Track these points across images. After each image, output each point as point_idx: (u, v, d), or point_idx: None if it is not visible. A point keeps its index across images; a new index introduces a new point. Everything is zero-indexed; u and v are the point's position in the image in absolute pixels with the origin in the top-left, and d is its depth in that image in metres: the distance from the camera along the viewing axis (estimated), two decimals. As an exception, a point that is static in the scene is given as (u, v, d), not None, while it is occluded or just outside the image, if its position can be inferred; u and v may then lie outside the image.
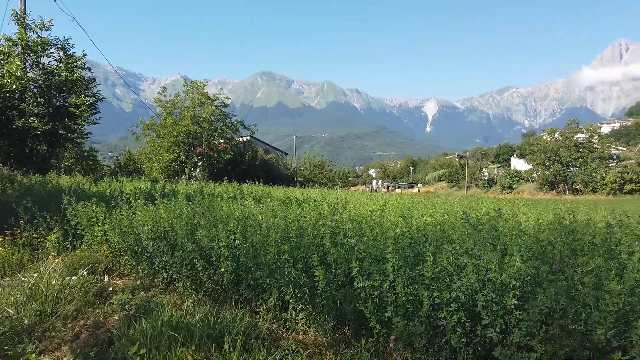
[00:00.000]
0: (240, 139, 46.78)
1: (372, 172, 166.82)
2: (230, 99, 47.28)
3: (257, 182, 24.21)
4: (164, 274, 5.73)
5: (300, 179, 54.51)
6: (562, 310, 3.07)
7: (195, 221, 5.97)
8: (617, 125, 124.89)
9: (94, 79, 25.08)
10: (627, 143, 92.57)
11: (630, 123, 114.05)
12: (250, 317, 4.45)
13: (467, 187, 79.16)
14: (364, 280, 3.86)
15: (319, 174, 61.60)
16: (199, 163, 42.50)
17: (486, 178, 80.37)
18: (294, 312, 4.52)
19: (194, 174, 42.08)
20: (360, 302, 3.93)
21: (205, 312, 4.32)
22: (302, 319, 4.44)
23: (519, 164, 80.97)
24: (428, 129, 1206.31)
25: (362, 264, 4.28)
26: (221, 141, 42.90)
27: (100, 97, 25.23)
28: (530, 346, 3.08)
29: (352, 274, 3.93)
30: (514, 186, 67.23)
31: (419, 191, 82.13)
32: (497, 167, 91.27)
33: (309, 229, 5.54)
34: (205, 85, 43.14)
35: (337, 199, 10.97)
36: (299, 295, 4.43)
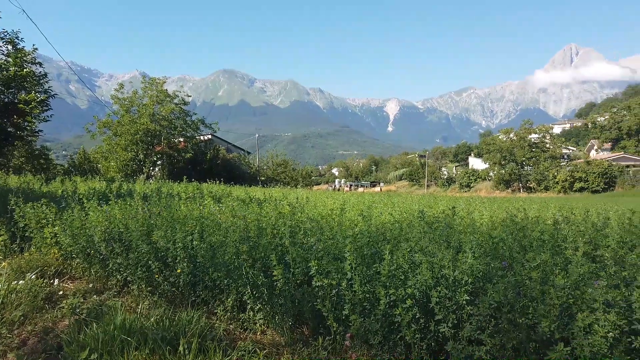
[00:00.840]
0: (201, 137, 46.04)
1: (335, 171, 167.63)
2: (190, 96, 46.47)
3: (218, 182, 23.88)
4: (118, 276, 5.57)
5: (262, 178, 54.16)
6: (510, 305, 3.19)
7: (151, 222, 5.83)
8: (567, 126, 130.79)
9: (45, 75, 24.04)
10: (576, 143, 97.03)
11: (579, 124, 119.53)
12: (207, 319, 4.38)
13: (427, 185, 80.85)
14: (322, 279, 3.88)
15: (281, 173, 61.41)
16: (158, 162, 41.55)
17: (445, 177, 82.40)
18: (251, 313, 4.49)
19: (152, 173, 41.09)
20: (318, 300, 3.95)
21: (160, 314, 4.23)
22: (260, 319, 4.41)
23: (476, 163, 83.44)
24: (390, 128, 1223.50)
25: (321, 262, 4.31)
26: (181, 140, 42.10)
27: (52, 93, 24.22)
28: (480, 340, 3.19)
29: (311, 273, 3.94)
30: (472, 185, 69.20)
31: (381, 190, 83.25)
32: (456, 166, 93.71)
33: (268, 228, 5.52)
34: (165, 82, 42.25)
35: (297, 198, 10.96)
36: (257, 295, 4.41)
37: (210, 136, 48.62)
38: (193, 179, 27.47)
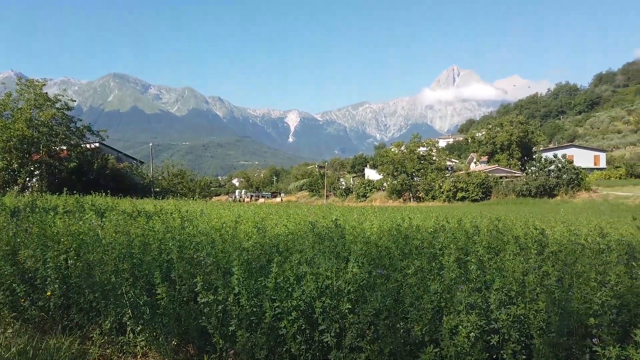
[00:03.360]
0: (88, 145, 42.63)
1: (235, 181, 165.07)
2: (75, 101, 42.84)
3: (106, 194, 22.25)
4: (-25, 303, 4.91)
5: (157, 190, 51.55)
6: (388, 311, 3.38)
7: (18, 240, 5.25)
8: (451, 140, 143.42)
9: None
10: (459, 156, 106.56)
11: (461, 138, 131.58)
12: (80, 345, 4.03)
13: (327, 196, 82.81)
14: (208, 295, 3.78)
15: (178, 184, 59.11)
16: (36, 172, 37.60)
17: (343, 187, 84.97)
18: (132, 335, 4.22)
19: (29, 184, 37.06)
20: (203, 318, 3.84)
21: (24, 343, 3.80)
22: (141, 340, 4.16)
23: (371, 174, 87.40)
24: (290, 139, 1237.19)
25: (209, 277, 4.21)
26: (64, 148, 38.60)
27: None
28: (360, 347, 3.32)
29: (196, 289, 3.82)
30: (368, 194, 72.24)
31: (282, 200, 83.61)
32: (353, 177, 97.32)
33: (155, 244, 5.27)
34: (45, 84, 38.55)
35: (187, 210, 10.61)
36: (138, 315, 4.16)
37: (97, 144, 45.17)
38: (77, 191, 25.29)
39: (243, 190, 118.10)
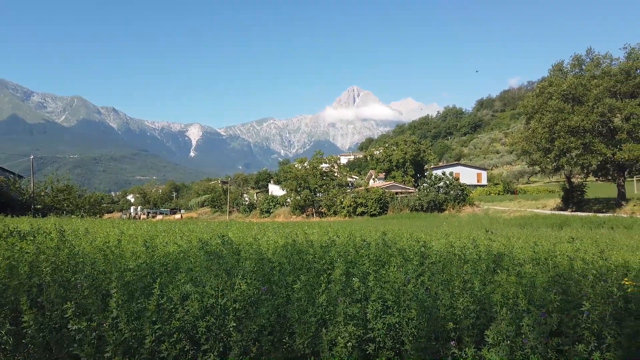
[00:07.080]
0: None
1: (130, 197, 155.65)
2: (-62, 106, 37.63)
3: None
4: None
5: (39, 207, 46.86)
6: (272, 326, 3.42)
7: None
8: (351, 157, 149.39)
9: None
10: (359, 172, 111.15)
11: (361, 156, 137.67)
12: None
13: (229, 212, 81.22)
14: (81, 322, 3.53)
15: (64, 200, 54.23)
16: None
17: (247, 203, 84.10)
18: (-11, 370, 3.78)
19: None
20: (76, 345, 3.56)
21: None
22: (1, 376, 3.75)
23: (275, 190, 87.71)
24: (192, 153, 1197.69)
25: (86, 301, 3.94)
26: None
27: None
28: (244, 365, 3.31)
29: (66, 316, 3.54)
30: (272, 210, 72.20)
31: (181, 217, 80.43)
32: (257, 193, 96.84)
33: (24, 267, 4.80)
34: None
35: (69, 229, 9.81)
36: (-2, 347, 3.74)
37: (-34, 156, 40.09)
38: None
39: (139, 207, 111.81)
